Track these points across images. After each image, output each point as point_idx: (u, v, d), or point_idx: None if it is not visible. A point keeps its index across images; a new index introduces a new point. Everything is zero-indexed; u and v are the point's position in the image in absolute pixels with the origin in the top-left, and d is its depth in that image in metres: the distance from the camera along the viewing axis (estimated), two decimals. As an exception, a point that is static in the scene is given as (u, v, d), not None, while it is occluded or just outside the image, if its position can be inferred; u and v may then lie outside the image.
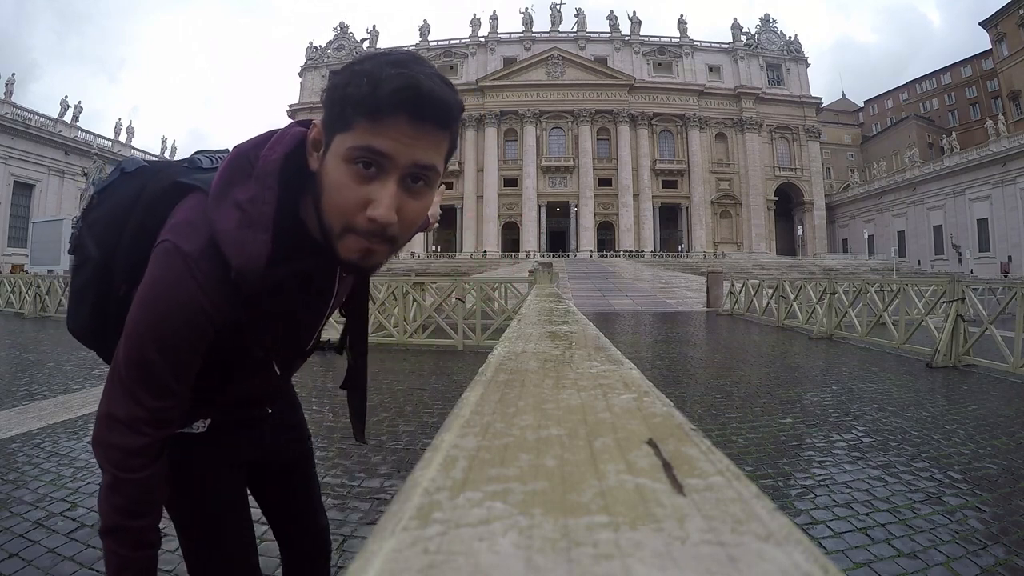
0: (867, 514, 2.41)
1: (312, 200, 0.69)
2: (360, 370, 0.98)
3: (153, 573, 0.74)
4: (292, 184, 0.71)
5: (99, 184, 0.87)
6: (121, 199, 0.82)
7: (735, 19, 53.41)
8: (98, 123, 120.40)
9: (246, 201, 0.69)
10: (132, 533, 0.71)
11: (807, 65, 53.34)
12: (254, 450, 0.98)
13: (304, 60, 56.07)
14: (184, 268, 0.68)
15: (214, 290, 0.69)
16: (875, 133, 62.30)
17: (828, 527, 2.30)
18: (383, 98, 0.61)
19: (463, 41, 53.67)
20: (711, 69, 51.77)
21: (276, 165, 0.71)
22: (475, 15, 54.03)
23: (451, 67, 50.58)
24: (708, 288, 16.32)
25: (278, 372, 0.91)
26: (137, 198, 0.80)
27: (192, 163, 0.88)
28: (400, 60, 0.64)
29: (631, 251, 45.87)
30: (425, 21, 54.33)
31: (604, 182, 48.83)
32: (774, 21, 54.31)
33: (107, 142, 39.09)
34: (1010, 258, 35.15)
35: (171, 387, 0.70)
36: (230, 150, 0.77)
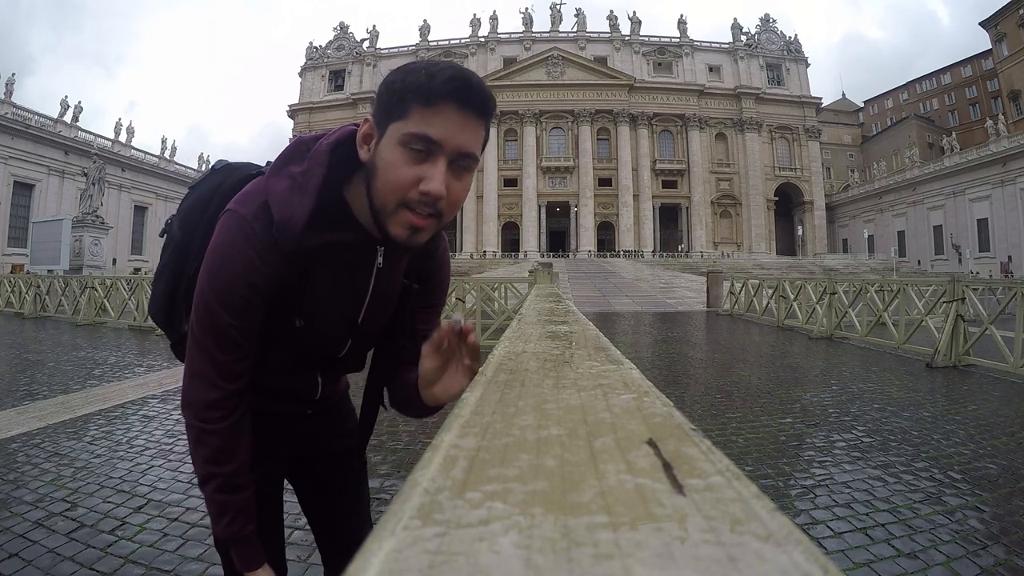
0: (867, 514, 2.41)
1: (365, 185, 0.79)
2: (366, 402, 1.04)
3: (252, 511, 0.84)
4: (339, 168, 0.81)
5: (193, 181, 1.04)
6: (204, 190, 0.97)
7: (735, 19, 53.42)
8: (96, 119, 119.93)
9: (298, 173, 0.79)
10: (222, 478, 0.82)
11: (807, 65, 53.33)
12: (288, 446, 1.04)
13: (304, 60, 56.05)
14: (239, 229, 0.78)
15: (264, 247, 0.78)
16: (875, 133, 62.26)
17: (828, 527, 2.30)
18: (437, 85, 0.71)
19: (463, 41, 53.66)
20: (711, 69, 51.75)
21: (327, 148, 0.82)
22: (475, 15, 54.06)
23: (451, 67, 50.52)
24: (708, 288, 16.32)
25: (319, 378, 1.00)
26: (216, 190, 0.95)
27: (268, 164, 0.99)
28: (450, 62, 0.76)
29: (631, 251, 45.84)
30: (425, 21, 54.37)
31: (604, 182, 48.80)
32: (774, 21, 54.29)
33: (107, 142, 38.99)
34: (1010, 258, 35.13)
35: (236, 340, 0.81)
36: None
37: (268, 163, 0.98)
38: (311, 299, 0.87)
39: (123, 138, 41.28)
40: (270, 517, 0.98)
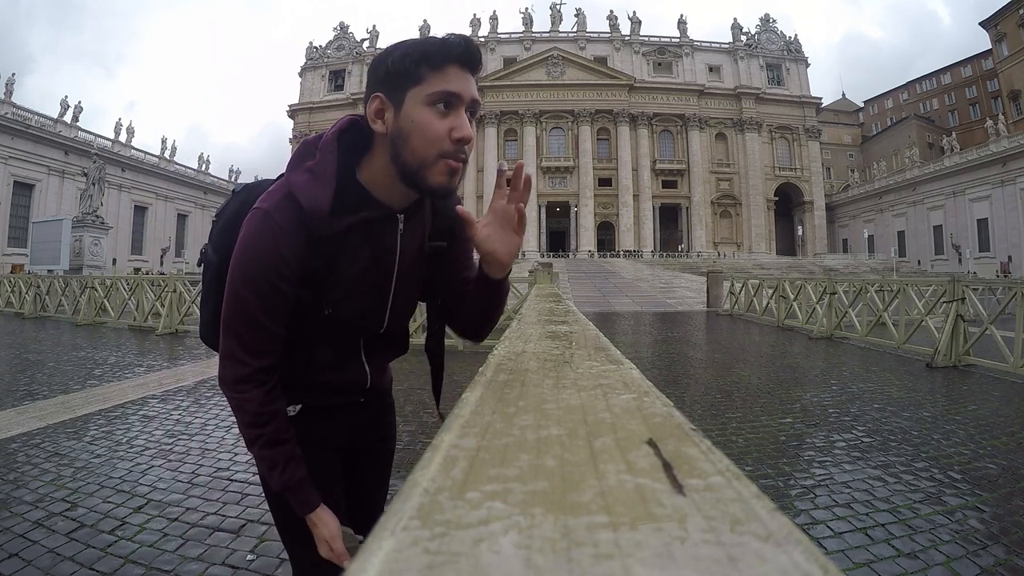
0: (867, 514, 2.41)
1: (390, 155, 0.87)
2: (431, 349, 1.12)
3: (299, 460, 0.93)
4: (346, 154, 0.91)
5: (220, 207, 1.10)
6: (231, 213, 1.03)
7: (735, 19, 53.37)
8: (96, 119, 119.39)
9: (314, 165, 0.89)
10: (265, 437, 0.91)
11: (807, 65, 53.30)
12: (342, 436, 1.11)
13: (304, 60, 56.03)
14: (264, 221, 0.87)
15: (287, 234, 0.87)
16: (875, 133, 62.22)
17: (828, 527, 2.30)
18: (450, 47, 0.84)
19: (463, 41, 53.56)
20: (711, 69, 51.72)
21: (334, 137, 0.91)
22: (475, 15, 54.01)
23: (451, 67, 50.56)
24: (708, 288, 16.32)
25: (366, 364, 1.06)
26: (240, 209, 1.00)
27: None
28: (452, 34, 0.88)
29: (631, 251, 45.81)
30: (425, 21, 54.43)
31: (604, 182, 48.77)
32: (774, 21, 54.25)
33: (107, 142, 38.95)
34: (1010, 258, 35.13)
35: (261, 321, 0.88)
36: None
37: (280, 176, 1.04)
38: (343, 280, 0.93)
39: (123, 138, 41.25)
40: (333, 507, 0.99)
